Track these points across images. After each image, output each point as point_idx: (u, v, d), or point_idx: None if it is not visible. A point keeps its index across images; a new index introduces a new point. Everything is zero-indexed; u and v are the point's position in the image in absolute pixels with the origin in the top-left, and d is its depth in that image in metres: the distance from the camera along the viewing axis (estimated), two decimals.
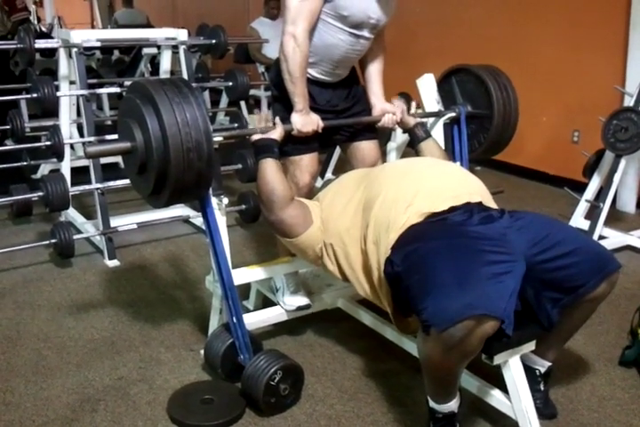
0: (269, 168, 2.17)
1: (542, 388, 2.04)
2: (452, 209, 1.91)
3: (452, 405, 1.83)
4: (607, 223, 3.48)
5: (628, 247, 3.48)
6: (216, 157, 1.91)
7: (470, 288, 1.61)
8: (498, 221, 1.90)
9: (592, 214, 3.48)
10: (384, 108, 2.52)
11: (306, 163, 2.38)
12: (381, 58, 2.57)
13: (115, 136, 3.55)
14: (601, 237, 3.44)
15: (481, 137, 2.75)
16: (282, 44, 2.21)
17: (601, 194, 3.47)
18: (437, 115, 2.75)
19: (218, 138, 2.13)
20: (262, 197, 2.19)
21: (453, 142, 2.75)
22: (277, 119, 2.25)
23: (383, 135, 3.77)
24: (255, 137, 2.21)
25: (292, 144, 2.34)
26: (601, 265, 1.85)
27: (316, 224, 2.14)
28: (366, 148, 2.57)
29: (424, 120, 2.66)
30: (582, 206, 3.62)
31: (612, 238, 3.47)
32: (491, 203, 2.05)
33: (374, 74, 2.57)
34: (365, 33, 2.34)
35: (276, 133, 2.21)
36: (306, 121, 2.28)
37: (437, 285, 1.65)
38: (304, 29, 2.19)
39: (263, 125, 2.23)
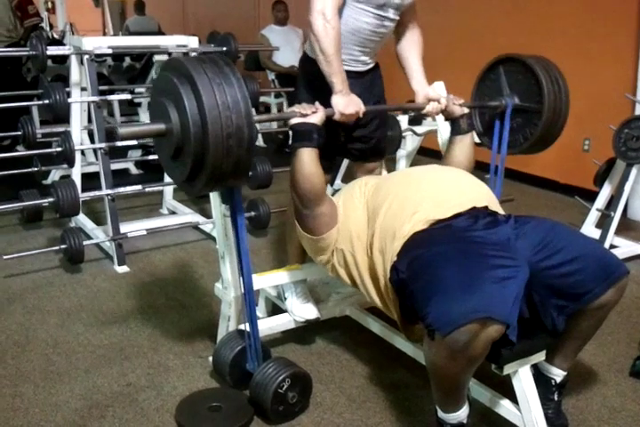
0: (308, 160, 2.04)
1: (556, 398, 2.02)
2: (457, 215, 1.90)
3: (461, 414, 1.81)
4: (618, 232, 3.46)
5: (639, 257, 3.45)
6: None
7: (474, 292, 1.60)
8: (503, 225, 1.90)
9: (603, 223, 3.46)
10: (427, 95, 2.44)
11: None
12: (418, 42, 2.50)
13: (129, 142, 3.60)
14: (612, 247, 3.42)
15: (527, 132, 2.59)
16: (311, 24, 2.11)
17: (612, 203, 3.45)
18: (483, 106, 2.65)
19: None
20: (298, 191, 2.07)
21: (493, 136, 2.63)
22: (317, 103, 2.11)
23: (392, 143, 3.77)
24: (294, 120, 2.06)
25: None
26: (607, 271, 1.82)
27: (338, 225, 2.10)
28: (372, 167, 2.59)
29: (470, 112, 2.53)
30: (593, 215, 3.60)
31: (624, 248, 3.45)
32: (497, 208, 2.04)
33: (413, 59, 2.49)
34: (390, 14, 2.27)
35: (317, 117, 2.06)
36: (348, 102, 2.14)
37: (441, 289, 1.64)
38: (332, 6, 2.09)
39: (303, 110, 2.07)
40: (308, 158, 2.05)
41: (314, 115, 2.06)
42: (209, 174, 1.73)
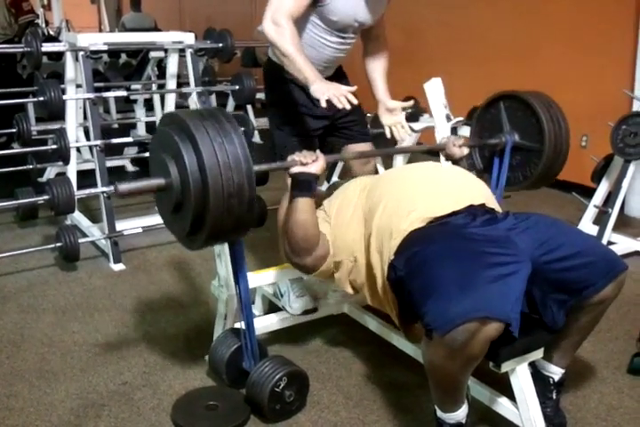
0: (305, 211, 2.02)
1: (554, 396, 2.01)
2: (455, 213, 1.89)
3: (460, 414, 1.80)
4: (616, 229, 3.45)
5: (637, 253, 3.45)
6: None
7: (472, 291, 1.59)
8: (501, 222, 1.89)
9: (600, 220, 3.45)
10: (387, 106, 2.50)
11: None
12: (384, 56, 2.56)
13: (125, 139, 3.58)
14: (610, 243, 3.41)
15: (527, 170, 2.55)
16: (265, 34, 2.13)
17: (609, 199, 3.44)
18: (483, 145, 2.61)
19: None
20: (291, 240, 2.05)
21: (492, 172, 2.58)
22: (318, 151, 2.06)
23: (389, 140, 3.76)
24: (294, 170, 2.01)
25: (290, 150, 2.24)
26: (608, 266, 1.82)
27: (331, 253, 2.08)
28: (359, 148, 2.56)
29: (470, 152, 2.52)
30: (591, 212, 3.59)
31: (621, 244, 3.45)
32: (494, 205, 2.03)
33: (378, 72, 2.54)
34: (350, 34, 2.35)
35: (317, 167, 2.01)
36: (327, 86, 2.06)
37: (439, 288, 1.63)
38: (284, 13, 2.10)
39: (304, 159, 2.01)
40: (303, 207, 2.02)
41: (314, 164, 2.01)
42: (209, 231, 1.72)
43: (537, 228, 1.89)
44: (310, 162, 2.01)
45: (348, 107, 2.04)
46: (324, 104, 2.05)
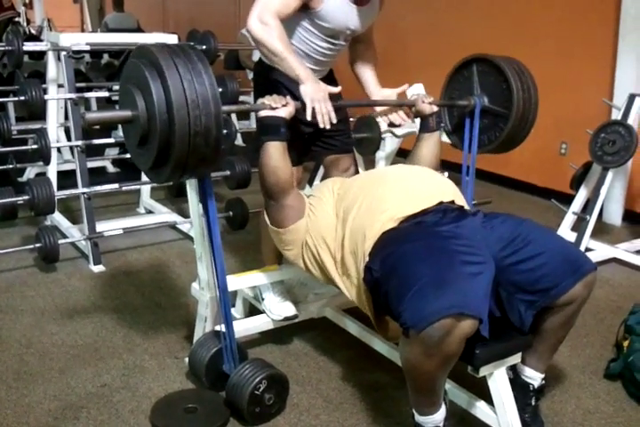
0: (275, 153, 2.05)
1: (533, 403, 2.02)
2: (425, 211, 1.92)
3: (437, 417, 1.81)
4: (593, 236, 3.50)
5: (614, 260, 3.49)
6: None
7: (447, 288, 1.61)
8: (470, 218, 1.93)
9: (579, 227, 3.49)
10: (382, 95, 2.52)
11: None
12: (373, 57, 2.58)
13: (106, 140, 3.56)
14: (587, 250, 3.45)
15: (492, 134, 2.59)
16: (250, 32, 2.11)
17: (588, 206, 3.49)
18: (452, 105, 2.65)
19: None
20: (264, 183, 2.11)
21: (463, 135, 2.63)
22: (289, 97, 2.09)
23: (372, 144, 3.77)
24: (262, 113, 2.04)
25: None
26: (574, 266, 1.84)
27: (306, 218, 2.11)
28: (340, 157, 2.59)
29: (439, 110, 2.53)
30: (569, 218, 3.63)
31: (599, 251, 3.49)
32: (464, 204, 2.07)
33: (368, 72, 2.56)
34: (341, 41, 2.36)
35: (286, 111, 2.04)
36: (317, 88, 2.10)
37: (414, 287, 1.65)
38: (271, 12, 2.08)
39: (273, 103, 2.04)
40: (274, 152, 2.06)
41: (283, 108, 2.05)
42: (173, 165, 1.75)
43: (505, 226, 1.92)
44: (280, 106, 2.04)
45: (328, 127, 2.10)
46: (309, 116, 2.09)
